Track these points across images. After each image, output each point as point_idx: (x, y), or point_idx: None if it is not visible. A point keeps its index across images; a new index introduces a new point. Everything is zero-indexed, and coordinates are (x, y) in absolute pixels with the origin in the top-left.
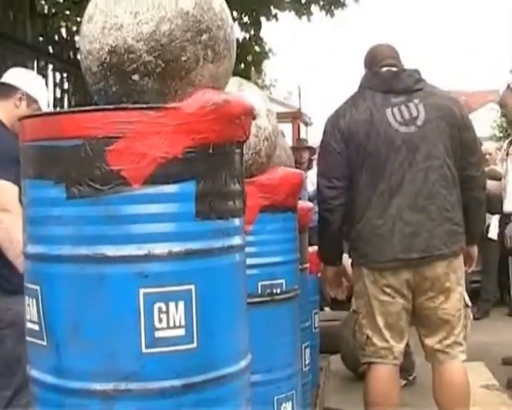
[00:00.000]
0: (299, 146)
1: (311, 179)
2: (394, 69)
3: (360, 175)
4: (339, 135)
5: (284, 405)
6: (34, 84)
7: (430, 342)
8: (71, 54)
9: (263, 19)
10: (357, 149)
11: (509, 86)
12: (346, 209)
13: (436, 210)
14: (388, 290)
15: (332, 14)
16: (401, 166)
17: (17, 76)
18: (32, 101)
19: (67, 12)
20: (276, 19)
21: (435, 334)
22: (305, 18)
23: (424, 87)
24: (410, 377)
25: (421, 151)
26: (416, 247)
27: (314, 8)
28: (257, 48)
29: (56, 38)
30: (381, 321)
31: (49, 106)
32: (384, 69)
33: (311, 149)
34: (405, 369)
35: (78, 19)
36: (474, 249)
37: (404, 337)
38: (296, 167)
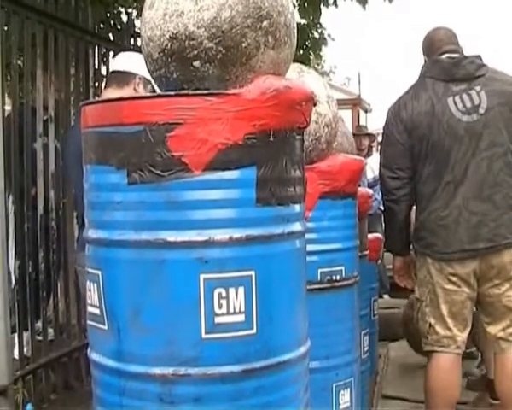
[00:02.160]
0: (359, 133)
1: (371, 166)
2: (455, 56)
3: (424, 167)
4: (401, 126)
5: (342, 392)
6: (144, 66)
7: (493, 329)
8: (131, 41)
9: (322, 7)
10: (420, 141)
11: None
12: (410, 200)
13: (501, 199)
14: (454, 279)
15: (390, 0)
16: (464, 155)
17: (130, 61)
18: (147, 82)
19: None
20: (336, 5)
21: (499, 322)
22: (362, 4)
23: (486, 73)
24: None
25: (485, 139)
26: (482, 237)
27: None
28: (316, 34)
29: (117, 24)
30: (445, 310)
31: None
32: (444, 56)
33: (370, 136)
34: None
35: (139, 6)
36: None
37: (468, 326)
38: (356, 154)
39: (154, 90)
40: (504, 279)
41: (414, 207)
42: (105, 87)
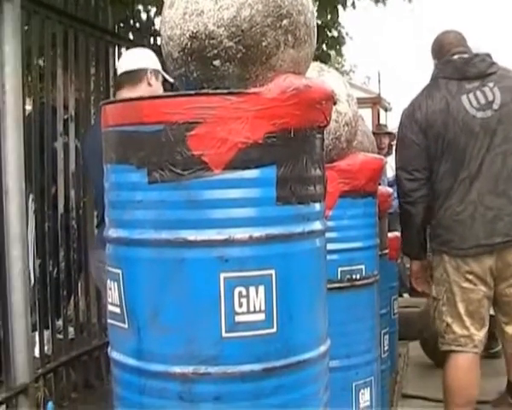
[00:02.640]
0: (379, 131)
1: (391, 165)
2: (466, 55)
3: (440, 165)
4: (416, 127)
5: (362, 391)
6: (151, 57)
7: (511, 329)
8: (151, 40)
9: (340, 8)
10: (435, 139)
11: None
12: (427, 201)
13: None
14: (471, 277)
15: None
16: (480, 151)
17: (136, 58)
18: (157, 73)
19: None
20: (354, 7)
21: None
22: (381, 5)
23: (497, 70)
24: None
25: (499, 135)
26: (498, 231)
27: None
28: (335, 33)
29: (137, 24)
30: (462, 308)
31: None
32: (455, 57)
33: (391, 135)
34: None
35: (158, 4)
36: None
37: (485, 325)
38: (376, 153)
39: (164, 80)
40: None
41: None
42: (118, 89)
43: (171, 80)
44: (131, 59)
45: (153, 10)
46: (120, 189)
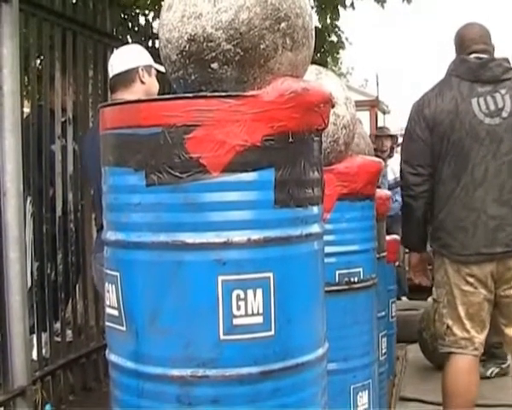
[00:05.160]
0: (381, 134)
1: (392, 168)
2: (483, 56)
3: (443, 165)
4: (424, 123)
5: (360, 394)
6: (139, 54)
7: (510, 332)
8: (149, 43)
9: (340, 8)
10: (441, 139)
11: None
12: (429, 197)
13: None
14: (471, 280)
15: (409, 1)
16: (484, 158)
17: (125, 58)
18: (149, 68)
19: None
20: (353, 7)
21: None
22: (380, 4)
23: None
24: (504, 365)
25: (505, 143)
26: (499, 241)
27: None
28: (334, 37)
29: (135, 27)
30: (462, 311)
31: None
32: (472, 56)
33: (392, 138)
34: (498, 357)
35: (157, 8)
36: None
37: (485, 328)
38: (377, 156)
39: (157, 72)
40: None
41: None
42: (112, 93)
43: (163, 70)
44: (121, 60)
45: (150, 14)
46: (118, 191)
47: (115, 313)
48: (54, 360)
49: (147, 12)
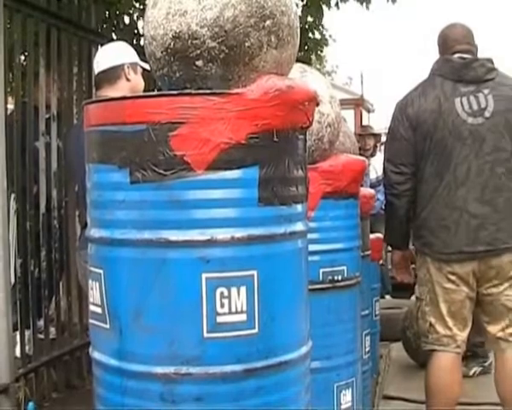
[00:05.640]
0: (365, 133)
1: (374, 166)
2: (466, 56)
3: (426, 164)
4: (407, 122)
5: (344, 392)
6: (125, 51)
7: (493, 329)
8: (134, 40)
9: (324, 8)
10: (424, 138)
11: None
12: (412, 196)
13: (503, 203)
14: (453, 278)
15: (393, 0)
16: (467, 157)
17: (110, 55)
18: (134, 65)
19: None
20: (338, 7)
21: (498, 321)
22: (365, 5)
23: (495, 77)
24: (486, 364)
25: (488, 143)
26: (481, 240)
27: None
28: (317, 35)
29: (120, 24)
30: (444, 309)
31: None
32: (456, 56)
33: (376, 136)
34: (481, 356)
35: (142, 6)
36: None
37: (468, 326)
38: (360, 154)
39: (143, 69)
40: (503, 279)
41: None
42: (97, 89)
43: (148, 68)
44: (106, 57)
45: (135, 14)
46: (102, 189)
47: (99, 310)
48: (37, 358)
49: (131, 10)
